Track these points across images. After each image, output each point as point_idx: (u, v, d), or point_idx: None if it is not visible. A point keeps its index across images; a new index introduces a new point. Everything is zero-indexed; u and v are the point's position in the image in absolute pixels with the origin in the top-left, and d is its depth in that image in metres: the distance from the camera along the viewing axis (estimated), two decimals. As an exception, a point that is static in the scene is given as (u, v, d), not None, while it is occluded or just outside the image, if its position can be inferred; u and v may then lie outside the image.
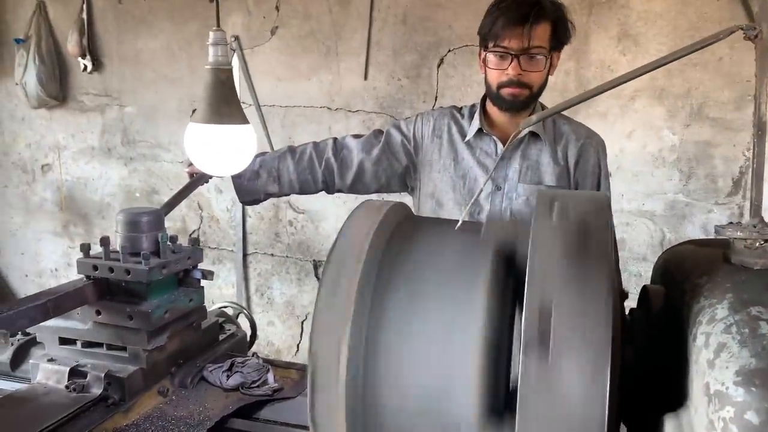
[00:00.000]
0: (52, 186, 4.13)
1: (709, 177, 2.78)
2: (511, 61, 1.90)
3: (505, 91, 1.94)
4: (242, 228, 3.67)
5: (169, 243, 1.70)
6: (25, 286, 4.40)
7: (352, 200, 3.37)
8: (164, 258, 1.65)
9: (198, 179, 1.97)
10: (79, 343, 1.66)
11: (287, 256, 3.59)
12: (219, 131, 1.47)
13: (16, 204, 4.26)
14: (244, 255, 3.71)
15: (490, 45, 1.93)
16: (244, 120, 1.51)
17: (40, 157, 4.11)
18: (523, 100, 1.96)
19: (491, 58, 1.93)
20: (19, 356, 1.85)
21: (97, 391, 1.54)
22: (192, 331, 1.79)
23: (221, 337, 1.92)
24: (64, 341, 1.67)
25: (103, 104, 3.83)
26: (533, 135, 2.02)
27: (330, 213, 3.45)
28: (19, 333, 1.90)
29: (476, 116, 2.03)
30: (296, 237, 3.56)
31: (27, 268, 4.37)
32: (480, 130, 2.02)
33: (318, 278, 3.51)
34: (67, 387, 1.55)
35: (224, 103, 1.47)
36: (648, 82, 2.78)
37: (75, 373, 1.57)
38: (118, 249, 1.66)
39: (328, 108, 3.30)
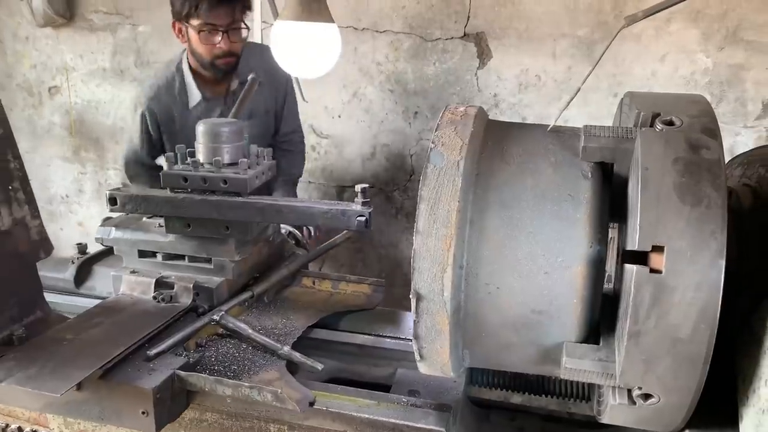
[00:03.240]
0: (60, 110, 4.01)
1: (739, 101, 2.82)
2: (222, 37, 2.33)
3: (219, 62, 2.42)
4: (262, 153, 3.64)
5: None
6: (34, 213, 4.34)
7: (377, 125, 3.36)
8: (258, 167, 1.62)
9: (253, 83, 1.94)
10: (159, 256, 1.67)
11: (309, 182, 3.58)
12: (307, 29, 1.44)
13: (22, 128, 4.14)
14: (265, 180, 3.70)
15: (196, 23, 2.32)
16: (330, 18, 1.47)
17: (47, 79, 3.97)
18: (234, 65, 2.45)
19: (200, 35, 2.32)
20: (82, 273, 1.87)
21: (186, 301, 1.57)
22: (268, 245, 1.81)
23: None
24: (142, 254, 1.68)
25: (114, 23, 3.68)
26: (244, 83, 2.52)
27: (355, 137, 3.43)
28: (78, 251, 1.91)
29: (192, 86, 2.50)
30: (319, 162, 3.55)
31: (37, 194, 4.24)
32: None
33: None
34: (154, 297, 1.57)
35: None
36: (685, 3, 2.75)
37: (159, 284, 1.60)
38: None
39: (354, 28, 3.22)
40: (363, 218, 1.47)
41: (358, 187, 1.47)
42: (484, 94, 3.11)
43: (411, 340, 1.62)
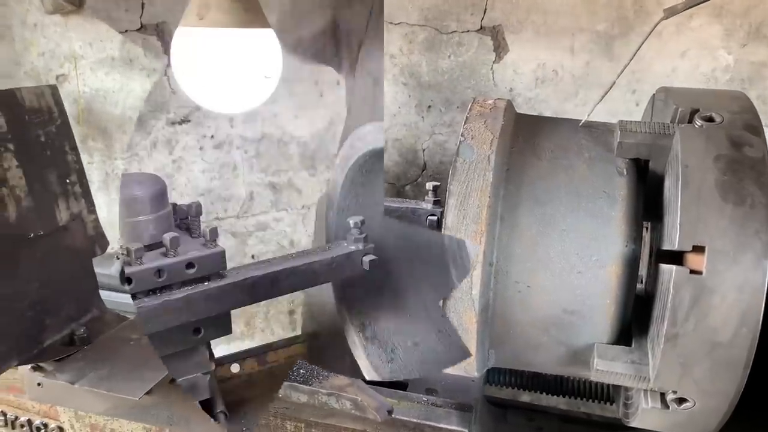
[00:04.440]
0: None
1: (761, 98, 2.77)
2: None
3: None
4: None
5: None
6: (41, 202, 4.31)
7: (389, 118, 3.31)
8: None
9: None
10: None
11: (320, 174, 3.55)
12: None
13: (29, 117, 4.11)
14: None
15: None
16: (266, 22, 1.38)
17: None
18: None
19: None
20: None
21: None
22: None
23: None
24: None
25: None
26: None
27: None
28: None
29: None
30: (329, 155, 3.51)
31: (43, 183, 4.26)
32: None
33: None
34: None
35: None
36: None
37: None
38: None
39: (368, 20, 3.17)
40: (434, 217, 1.40)
41: (429, 185, 1.42)
42: (499, 88, 3.06)
43: (428, 338, 1.60)
